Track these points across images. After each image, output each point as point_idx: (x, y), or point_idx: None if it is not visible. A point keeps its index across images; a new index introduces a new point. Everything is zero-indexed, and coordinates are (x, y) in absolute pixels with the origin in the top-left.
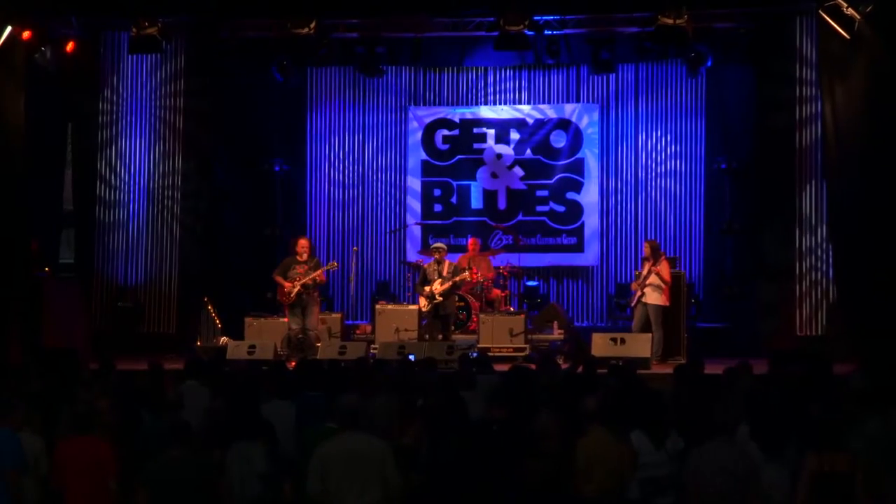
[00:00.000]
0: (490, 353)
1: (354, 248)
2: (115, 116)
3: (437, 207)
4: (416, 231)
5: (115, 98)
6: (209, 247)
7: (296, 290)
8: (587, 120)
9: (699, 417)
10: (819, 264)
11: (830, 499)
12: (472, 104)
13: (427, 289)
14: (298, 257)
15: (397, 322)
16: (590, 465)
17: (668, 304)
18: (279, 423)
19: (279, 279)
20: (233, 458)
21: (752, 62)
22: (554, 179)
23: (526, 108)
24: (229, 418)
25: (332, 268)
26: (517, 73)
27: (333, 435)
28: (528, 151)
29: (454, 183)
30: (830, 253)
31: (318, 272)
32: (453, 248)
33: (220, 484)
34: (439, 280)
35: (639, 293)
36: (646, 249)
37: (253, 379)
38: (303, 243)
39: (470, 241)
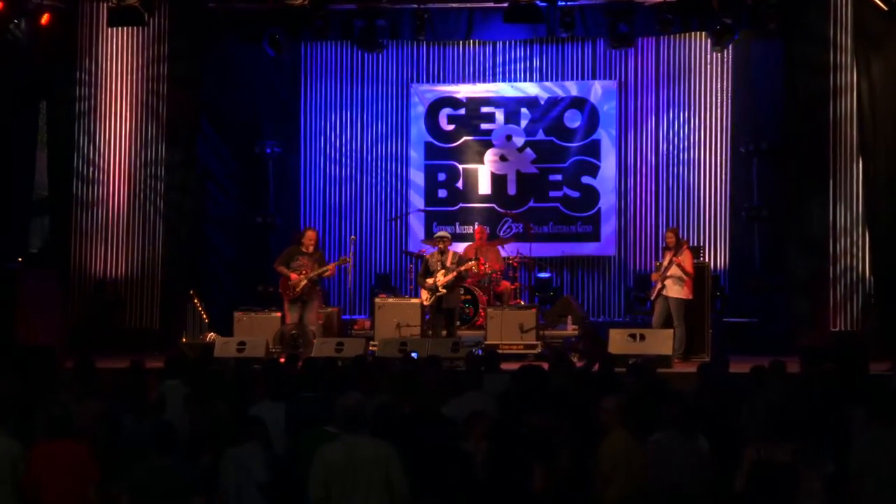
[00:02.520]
0: (499, 351)
1: (352, 236)
2: (93, 94)
3: (442, 193)
4: (419, 219)
5: (93, 74)
6: (195, 235)
7: (303, 283)
8: (604, 98)
9: (724, 419)
10: (855, 253)
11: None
12: (479, 81)
13: (429, 281)
14: (304, 248)
15: (398, 317)
16: (611, 470)
17: (690, 297)
18: (269, 426)
19: (284, 270)
20: (228, 465)
21: (782, 35)
22: (568, 163)
23: (538, 85)
24: (219, 422)
25: (345, 263)
26: (528, 48)
27: (333, 439)
28: (541, 132)
29: (460, 166)
30: (867, 241)
31: (331, 267)
32: (459, 237)
33: (212, 493)
34: (442, 271)
35: (659, 285)
36: (667, 238)
37: (243, 379)
38: (311, 235)
39: (477, 229)
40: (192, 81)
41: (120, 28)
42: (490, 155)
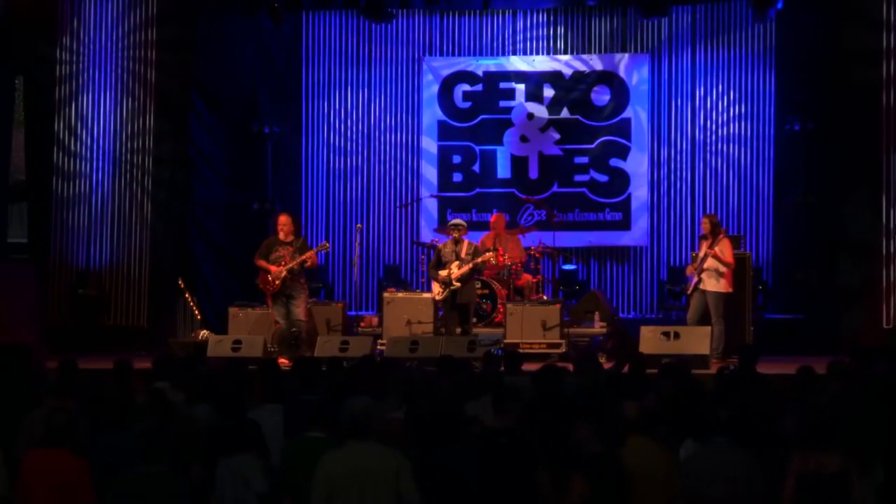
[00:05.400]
0: (519, 350)
1: (358, 225)
2: (75, 69)
3: (457, 177)
4: (432, 205)
5: (75, 47)
6: (186, 224)
7: (282, 275)
8: (635, 73)
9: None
10: None
11: (818, 501)
12: (498, 54)
13: (442, 273)
14: (280, 237)
15: (409, 313)
16: (630, 481)
17: (730, 291)
18: (267, 432)
19: (263, 263)
20: (224, 475)
21: (830, 4)
22: (595, 143)
23: (563, 58)
24: (214, 428)
25: (323, 249)
26: (552, 18)
27: (321, 445)
28: (565, 110)
29: (477, 148)
30: None
31: (309, 254)
32: (475, 226)
33: None
34: (457, 263)
35: (696, 279)
36: (704, 226)
37: (239, 381)
38: (283, 220)
39: (495, 216)
40: (183, 55)
41: None
42: (510, 135)
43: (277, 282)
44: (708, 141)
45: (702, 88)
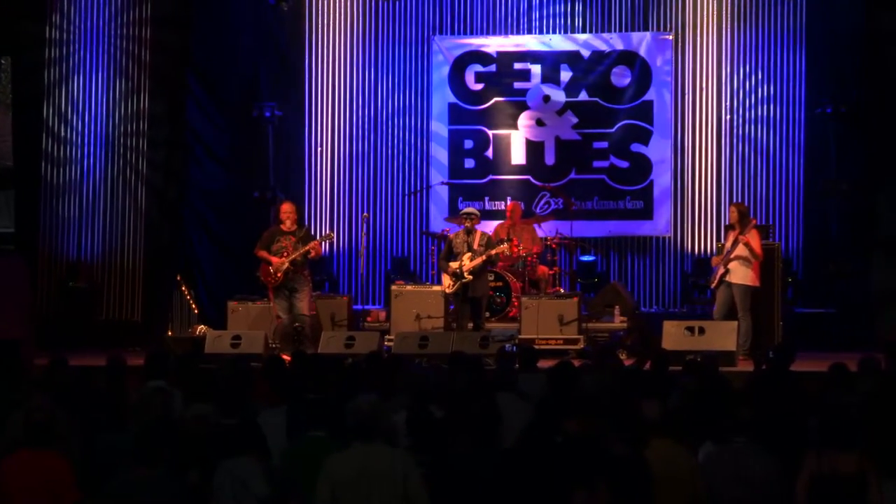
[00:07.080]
0: (535, 346)
1: (365, 214)
2: (65, 49)
3: (469, 163)
4: (442, 193)
5: (65, 25)
6: (183, 213)
7: (285, 267)
8: (658, 53)
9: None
10: None
11: (831, 503)
12: (512, 33)
13: (453, 265)
14: (283, 226)
15: (418, 307)
16: (654, 485)
17: (758, 283)
18: (270, 432)
19: (264, 254)
20: (223, 479)
21: None
22: (615, 127)
23: (581, 37)
24: (212, 429)
25: (328, 239)
26: None
27: (325, 446)
28: (584, 92)
29: (489, 132)
30: None
31: (313, 244)
32: (488, 215)
33: None
34: (469, 254)
35: (722, 270)
36: (732, 215)
37: (240, 379)
38: (285, 209)
39: (509, 205)
40: (179, 34)
41: None
42: (525, 119)
43: (279, 274)
44: (733, 125)
45: (728, 69)
